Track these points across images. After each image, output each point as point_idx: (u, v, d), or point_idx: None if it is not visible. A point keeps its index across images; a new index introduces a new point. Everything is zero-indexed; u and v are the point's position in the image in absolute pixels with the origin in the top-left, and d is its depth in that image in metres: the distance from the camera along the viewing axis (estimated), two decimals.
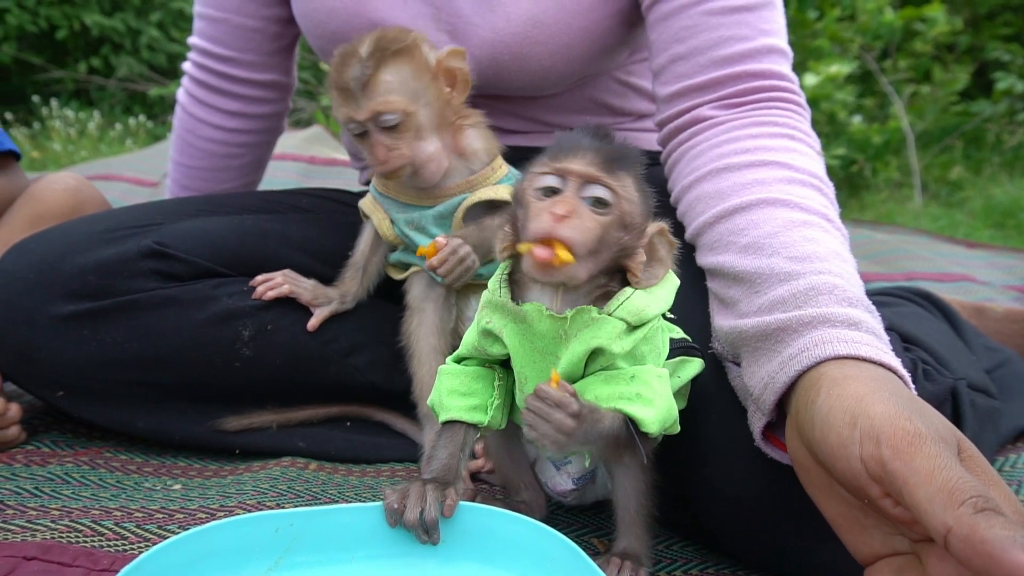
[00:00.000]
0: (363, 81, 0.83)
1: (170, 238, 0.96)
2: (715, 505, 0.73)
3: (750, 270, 0.70)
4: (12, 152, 1.17)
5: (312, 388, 1.00)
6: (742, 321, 0.69)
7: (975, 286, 1.84)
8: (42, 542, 0.68)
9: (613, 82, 1.10)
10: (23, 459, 0.92)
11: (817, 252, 0.68)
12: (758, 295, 0.68)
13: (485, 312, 0.67)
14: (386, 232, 0.96)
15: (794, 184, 0.76)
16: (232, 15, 1.16)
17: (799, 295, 0.65)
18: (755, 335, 0.66)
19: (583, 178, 0.60)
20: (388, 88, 0.83)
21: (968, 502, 0.44)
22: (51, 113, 4.76)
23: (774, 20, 0.89)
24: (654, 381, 0.63)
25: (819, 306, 0.63)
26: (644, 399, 0.61)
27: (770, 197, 0.74)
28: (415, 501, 0.62)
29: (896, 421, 0.50)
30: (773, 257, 0.69)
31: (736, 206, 0.75)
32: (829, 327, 0.62)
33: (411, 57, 0.85)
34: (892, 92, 4.17)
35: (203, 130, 1.24)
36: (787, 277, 0.67)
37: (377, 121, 0.84)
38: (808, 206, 0.73)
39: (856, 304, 0.64)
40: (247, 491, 0.83)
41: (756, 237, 0.72)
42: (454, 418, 0.68)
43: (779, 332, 0.64)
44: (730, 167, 0.79)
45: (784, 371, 0.62)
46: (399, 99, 0.83)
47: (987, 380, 0.91)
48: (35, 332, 0.91)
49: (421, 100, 0.85)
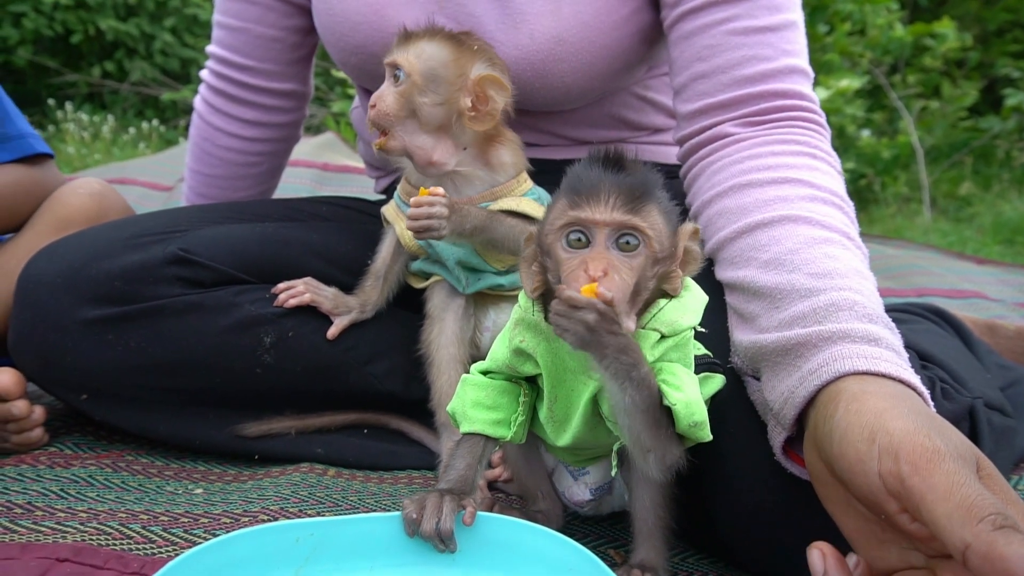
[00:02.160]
0: (410, 35, 0.88)
1: (194, 245, 0.97)
2: (733, 519, 0.74)
3: (771, 285, 0.71)
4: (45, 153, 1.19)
5: (331, 395, 1.01)
6: (762, 336, 0.69)
7: (987, 303, 1.84)
8: (73, 544, 0.69)
9: (631, 97, 1.12)
10: (47, 461, 0.93)
11: (838, 269, 0.69)
12: (778, 310, 0.69)
13: (518, 331, 0.67)
14: (407, 241, 0.97)
15: (816, 202, 0.77)
16: (253, 25, 1.17)
17: (819, 311, 0.66)
18: (775, 350, 0.67)
19: (612, 225, 0.60)
20: (418, 53, 0.86)
21: (987, 519, 0.45)
22: (66, 116, 4.81)
23: (796, 40, 0.90)
24: (681, 373, 0.64)
25: (839, 322, 0.64)
26: (672, 384, 0.62)
27: (792, 214, 0.75)
28: (432, 511, 0.63)
29: (915, 437, 0.51)
30: (794, 273, 0.70)
31: (758, 222, 0.76)
32: (849, 342, 0.62)
33: (456, 52, 0.87)
34: (901, 107, 4.18)
35: (221, 139, 1.25)
36: (808, 293, 0.68)
37: (393, 71, 0.88)
38: (829, 224, 0.74)
39: (876, 320, 0.65)
40: (269, 497, 0.84)
41: (777, 253, 0.72)
42: (477, 431, 0.69)
43: (799, 347, 0.65)
44: (752, 183, 0.80)
45: (804, 386, 0.62)
46: (418, 66, 0.86)
47: (1003, 398, 0.92)
48: (62, 336, 0.92)
49: (434, 88, 0.86)
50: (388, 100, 0.87)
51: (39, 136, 1.20)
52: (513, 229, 0.90)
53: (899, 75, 4.56)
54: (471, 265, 0.95)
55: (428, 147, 0.88)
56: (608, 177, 0.62)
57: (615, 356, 0.58)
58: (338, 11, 1.04)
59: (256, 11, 1.16)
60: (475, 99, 0.87)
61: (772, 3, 0.89)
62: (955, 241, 3.04)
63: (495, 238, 0.89)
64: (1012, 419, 0.92)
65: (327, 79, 5.03)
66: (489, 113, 0.87)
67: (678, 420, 0.62)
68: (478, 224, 0.87)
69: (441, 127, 0.88)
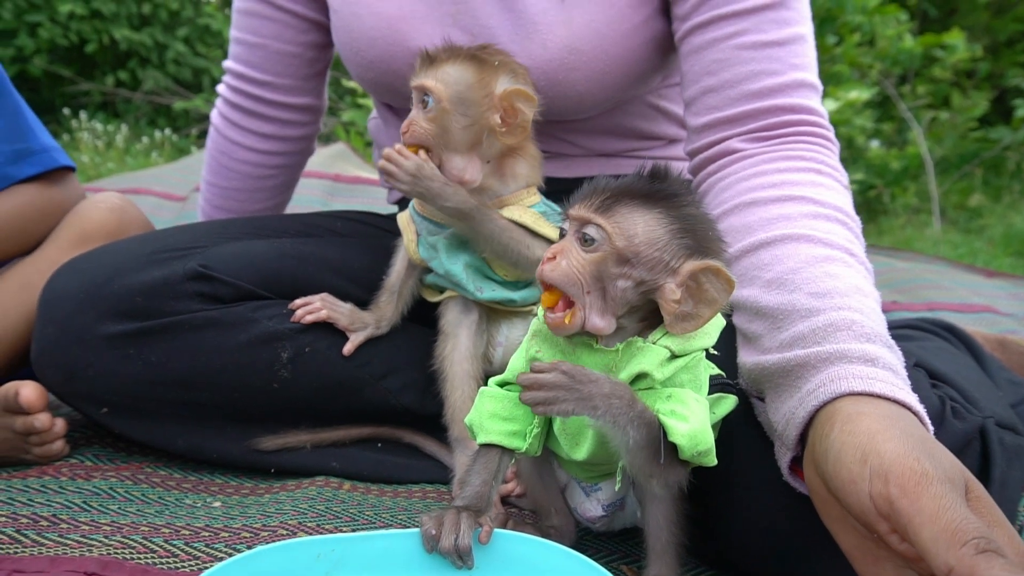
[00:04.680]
0: (433, 59, 0.89)
1: (214, 261, 0.99)
2: (743, 538, 0.75)
3: (772, 305, 0.71)
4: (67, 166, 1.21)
5: (346, 409, 1.02)
6: (764, 357, 0.70)
7: (998, 317, 1.84)
8: (99, 557, 0.70)
9: (645, 107, 1.12)
10: (68, 473, 0.94)
11: (837, 288, 0.70)
12: (779, 331, 0.70)
13: (535, 342, 0.69)
14: (412, 252, 0.99)
15: (819, 219, 0.77)
16: (270, 41, 1.19)
17: (818, 331, 0.66)
18: (777, 371, 0.68)
19: (578, 220, 0.64)
20: (444, 78, 0.88)
21: (970, 543, 0.46)
22: (80, 125, 4.86)
23: (804, 55, 0.91)
24: (691, 402, 0.64)
25: (836, 342, 0.65)
26: (679, 415, 0.63)
27: (794, 232, 0.75)
28: (450, 528, 0.64)
29: (904, 460, 0.52)
30: (795, 293, 0.70)
31: (761, 241, 0.77)
32: (845, 363, 0.63)
33: (479, 71, 0.88)
34: (911, 118, 4.18)
35: (237, 152, 1.27)
36: (807, 313, 0.68)
37: (421, 96, 0.89)
38: (832, 241, 0.75)
39: (874, 340, 0.66)
40: (287, 511, 0.86)
41: (779, 272, 0.73)
42: (493, 441, 0.70)
43: (798, 368, 0.65)
44: (757, 201, 0.81)
45: (803, 407, 0.63)
46: (445, 92, 0.87)
47: (1014, 417, 0.92)
48: (84, 350, 0.94)
49: (462, 109, 0.88)
50: (420, 127, 0.89)
51: (61, 149, 1.22)
52: (505, 232, 0.90)
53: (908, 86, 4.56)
54: (480, 269, 0.96)
55: (460, 168, 0.90)
56: (607, 181, 0.65)
57: (605, 401, 0.60)
58: (355, 27, 1.06)
59: (274, 27, 1.18)
60: (503, 114, 0.88)
61: (781, 17, 0.90)
62: (965, 253, 3.03)
63: (482, 232, 0.89)
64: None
65: (337, 88, 5.07)
66: (520, 126, 0.89)
67: (682, 451, 0.63)
68: (462, 208, 0.87)
69: (472, 146, 0.90)
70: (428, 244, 0.97)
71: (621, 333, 0.67)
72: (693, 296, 0.63)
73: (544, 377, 0.61)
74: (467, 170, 0.90)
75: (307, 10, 1.17)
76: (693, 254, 0.63)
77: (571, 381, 0.61)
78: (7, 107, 1.13)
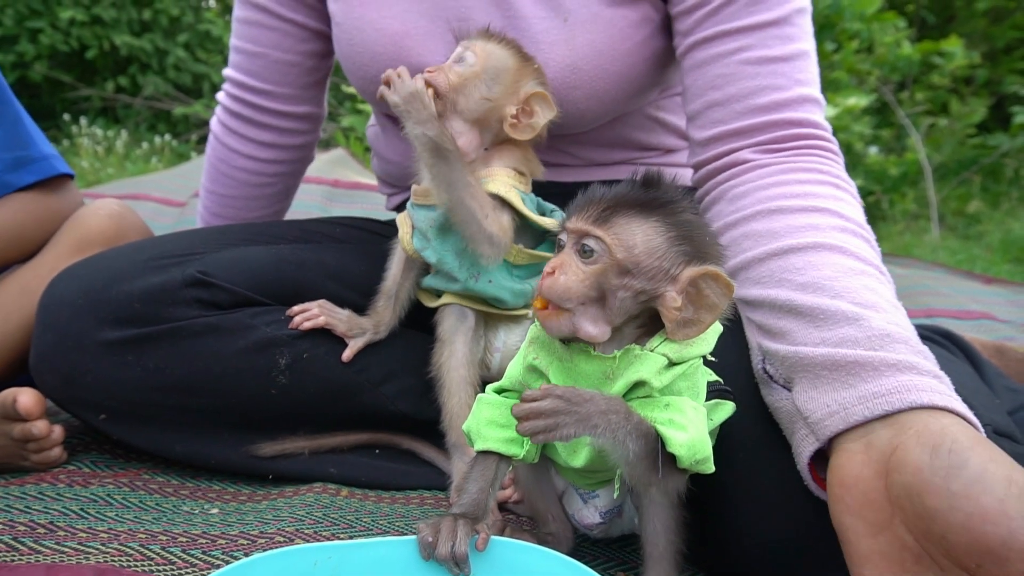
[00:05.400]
0: (491, 34, 0.94)
1: (212, 267, 0.99)
2: (740, 546, 0.75)
3: (810, 305, 0.71)
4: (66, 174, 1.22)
5: (343, 415, 1.02)
6: (804, 348, 0.69)
7: (996, 324, 1.84)
8: (96, 565, 0.70)
9: (643, 118, 1.13)
10: (66, 479, 0.94)
11: (879, 303, 0.70)
12: (820, 329, 0.69)
13: (532, 348, 0.69)
14: (406, 244, 0.99)
15: (847, 233, 0.78)
16: (270, 50, 1.20)
17: (873, 338, 0.66)
18: (822, 363, 0.67)
19: (576, 233, 0.64)
20: (490, 51, 0.92)
21: None
22: (80, 131, 4.87)
23: (808, 70, 0.91)
24: (689, 410, 0.64)
25: (899, 353, 0.64)
26: (677, 424, 0.63)
27: (826, 242, 0.76)
28: (447, 535, 0.64)
29: None
30: (837, 300, 0.70)
31: (791, 246, 0.77)
32: (916, 374, 0.63)
33: (520, 64, 0.92)
34: (909, 124, 4.19)
35: (237, 160, 1.27)
36: (856, 317, 0.68)
37: (463, 54, 0.92)
38: (863, 256, 0.76)
39: (930, 359, 0.66)
40: (284, 518, 0.86)
41: (815, 277, 0.73)
42: (490, 448, 0.70)
43: (854, 366, 0.65)
44: (782, 209, 0.81)
45: (866, 405, 0.62)
46: (484, 60, 0.91)
47: (1011, 424, 0.92)
48: (82, 356, 0.94)
49: (490, 83, 0.91)
50: (447, 75, 0.91)
51: (60, 157, 1.22)
52: (470, 189, 0.89)
53: (907, 92, 4.58)
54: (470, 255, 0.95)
55: (457, 132, 0.92)
56: (602, 191, 0.65)
57: (603, 418, 0.60)
58: (358, 42, 1.06)
59: (274, 37, 1.19)
60: (520, 110, 0.91)
61: (785, 33, 0.91)
62: (963, 259, 3.04)
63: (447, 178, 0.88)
64: (1022, 445, 0.93)
65: (337, 94, 5.09)
66: (530, 126, 0.92)
67: (680, 461, 0.63)
68: (438, 142, 0.87)
69: (477, 121, 0.92)
70: (420, 233, 0.98)
71: (619, 340, 0.67)
72: (693, 302, 0.63)
73: (540, 405, 0.60)
74: (463, 136, 0.92)
75: (307, 19, 1.17)
76: (691, 260, 0.63)
77: (567, 404, 0.60)
78: (7, 116, 1.13)
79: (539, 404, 0.60)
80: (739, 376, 0.78)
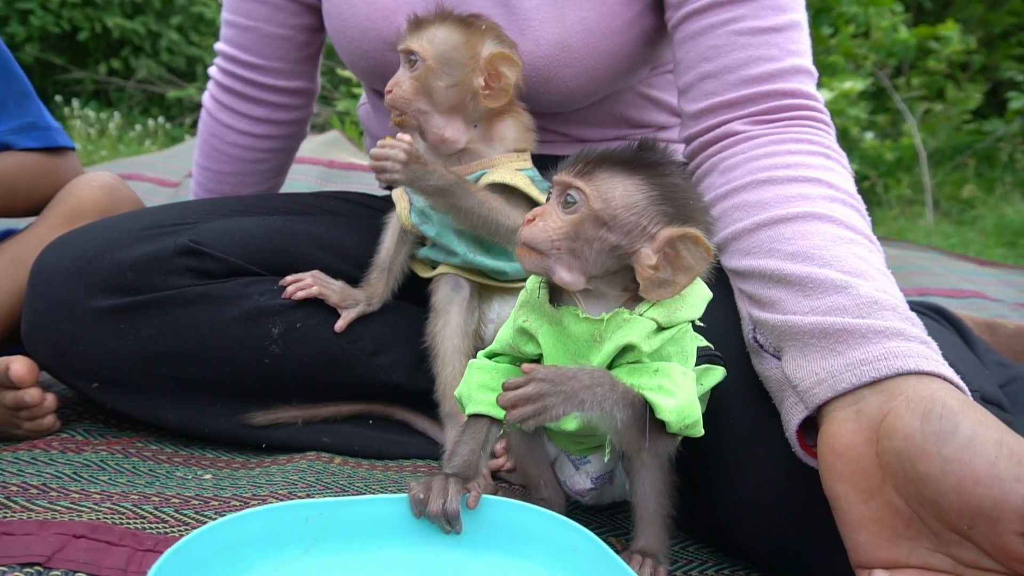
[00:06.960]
0: (421, 22, 0.91)
1: (205, 236, 0.99)
2: (730, 512, 0.75)
3: (800, 274, 0.71)
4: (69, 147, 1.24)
5: (337, 386, 1.03)
6: (793, 317, 0.70)
7: (987, 303, 1.85)
8: (88, 522, 0.70)
9: (634, 96, 1.13)
10: (59, 446, 0.94)
11: (868, 271, 0.70)
12: (808, 298, 0.70)
13: (522, 311, 0.69)
14: (404, 219, 0.99)
15: (836, 203, 0.78)
16: (262, 24, 1.19)
17: (862, 306, 0.66)
18: (810, 331, 0.67)
19: (560, 185, 0.65)
20: (431, 39, 0.90)
21: None
22: (72, 113, 4.83)
23: (800, 41, 0.91)
24: (678, 375, 0.65)
25: (887, 320, 0.65)
26: (665, 390, 0.63)
27: (816, 212, 0.76)
28: (438, 493, 0.65)
29: None
30: (825, 268, 0.70)
31: (780, 216, 0.77)
32: (903, 340, 0.63)
33: (466, 34, 0.90)
34: (905, 109, 4.19)
35: (229, 135, 1.27)
36: (844, 286, 0.68)
37: (408, 56, 0.91)
38: (852, 224, 0.76)
39: (918, 326, 0.66)
40: (277, 482, 0.86)
41: (804, 247, 0.73)
42: (481, 411, 0.70)
43: (842, 334, 0.65)
44: (772, 180, 0.81)
45: (854, 372, 0.62)
46: (431, 51, 0.89)
47: (999, 394, 0.93)
48: (74, 325, 0.94)
49: (447, 70, 0.89)
50: (404, 86, 0.90)
51: (63, 132, 1.24)
52: (484, 205, 0.90)
53: (903, 77, 4.57)
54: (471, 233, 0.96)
55: (441, 126, 0.91)
56: (594, 149, 0.66)
57: (589, 392, 0.61)
58: (348, 16, 1.05)
59: (266, 10, 1.18)
60: (488, 77, 0.90)
61: (777, 4, 0.91)
62: (957, 243, 3.05)
63: (461, 206, 0.90)
64: (1010, 414, 0.93)
65: (332, 78, 5.05)
66: (503, 89, 0.91)
67: (670, 426, 0.64)
68: (442, 185, 0.88)
69: (455, 107, 0.91)
70: (419, 211, 0.98)
71: (605, 302, 0.67)
72: (671, 263, 0.63)
73: (525, 391, 0.61)
74: (447, 128, 0.92)
75: None
76: (672, 221, 0.63)
77: (551, 386, 0.61)
78: (14, 88, 1.16)
79: (524, 390, 0.61)
80: (731, 344, 0.79)
